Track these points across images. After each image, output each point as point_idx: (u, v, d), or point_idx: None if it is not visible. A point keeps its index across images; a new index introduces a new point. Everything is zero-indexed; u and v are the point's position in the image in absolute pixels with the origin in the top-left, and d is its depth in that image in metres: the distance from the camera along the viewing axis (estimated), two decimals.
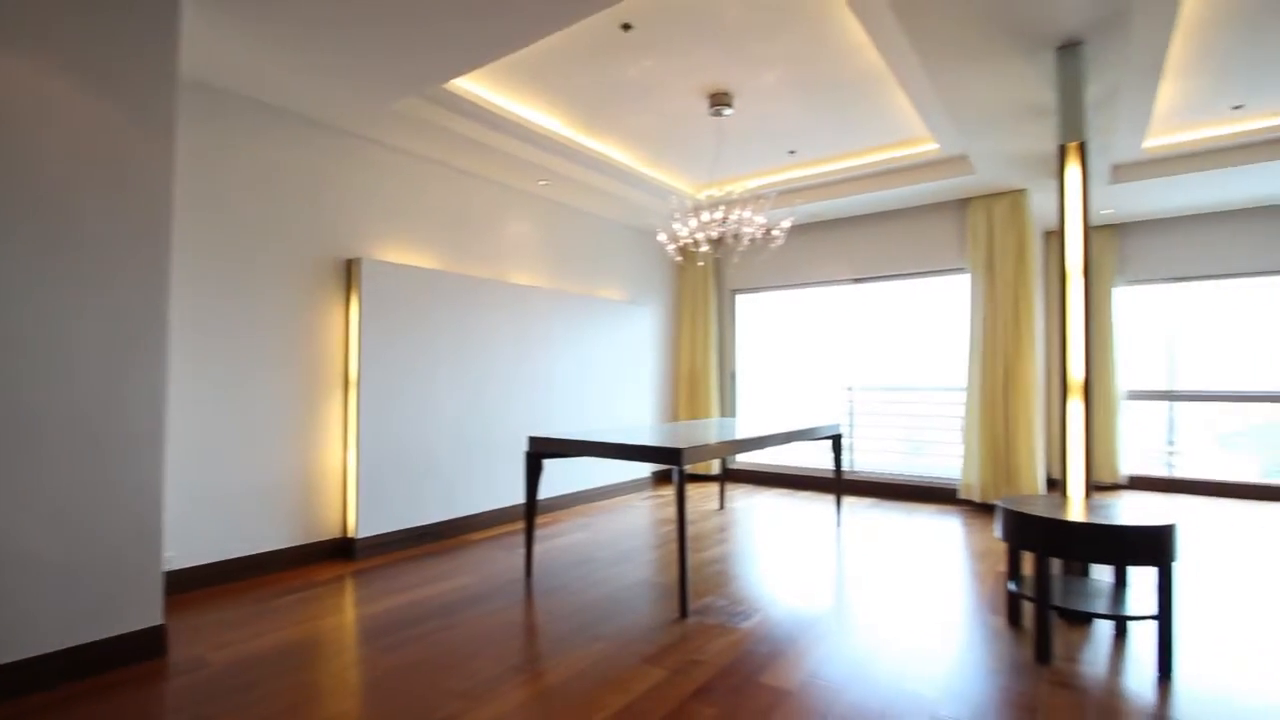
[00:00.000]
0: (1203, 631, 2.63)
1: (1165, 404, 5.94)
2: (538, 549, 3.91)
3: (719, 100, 3.72)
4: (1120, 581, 2.67)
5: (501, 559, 3.72)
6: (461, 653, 2.44)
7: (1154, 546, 2.22)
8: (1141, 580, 2.80)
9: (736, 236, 4.00)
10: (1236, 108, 3.89)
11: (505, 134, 3.99)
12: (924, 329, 5.78)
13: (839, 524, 4.59)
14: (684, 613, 2.80)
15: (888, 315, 5.96)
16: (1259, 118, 4.04)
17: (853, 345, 6.10)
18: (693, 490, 6.00)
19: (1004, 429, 4.97)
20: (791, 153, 4.70)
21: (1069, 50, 2.83)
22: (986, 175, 4.64)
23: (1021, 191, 4.96)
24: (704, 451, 2.97)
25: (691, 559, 3.70)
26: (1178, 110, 3.93)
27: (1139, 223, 5.91)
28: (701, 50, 3.27)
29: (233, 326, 3.33)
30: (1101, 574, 2.88)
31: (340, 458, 3.78)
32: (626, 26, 3.03)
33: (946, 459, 5.54)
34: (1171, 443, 5.95)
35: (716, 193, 4.54)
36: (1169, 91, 3.66)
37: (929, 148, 4.48)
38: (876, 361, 6.00)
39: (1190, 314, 5.86)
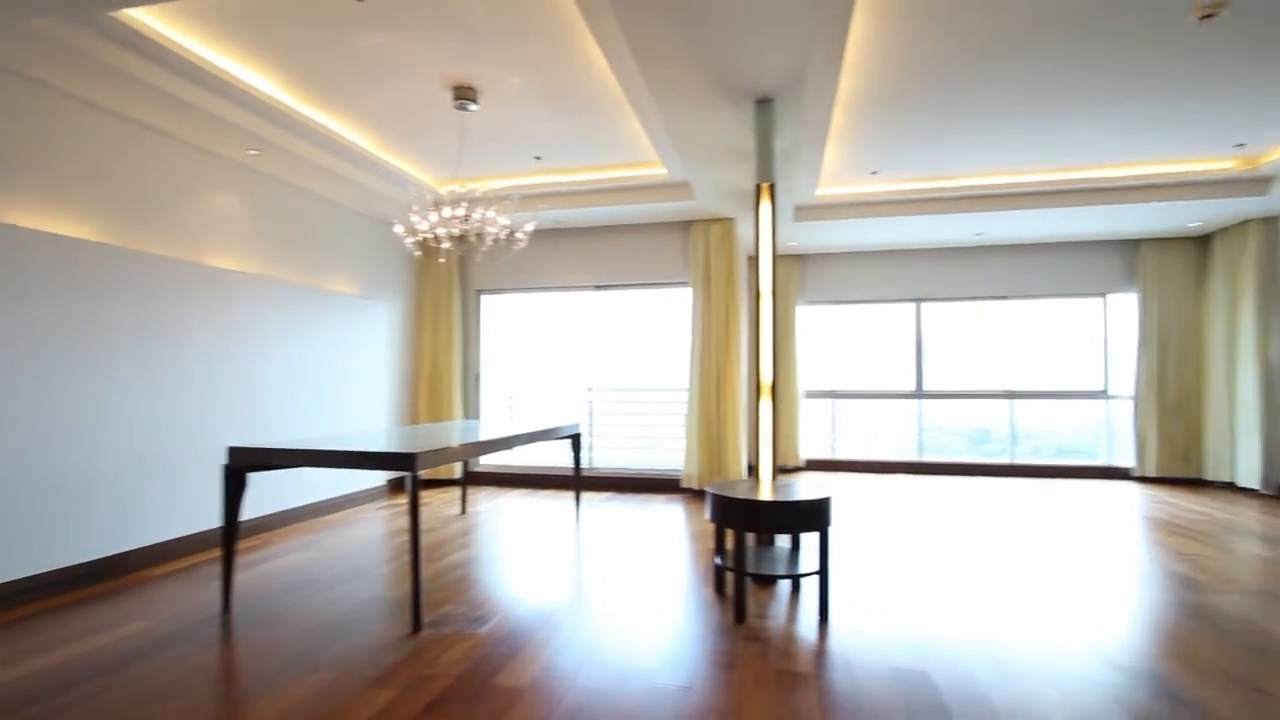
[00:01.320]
0: (851, 580, 3.35)
1: (831, 401, 7.44)
2: (246, 576, 3.38)
3: (463, 94, 3.63)
4: (795, 546, 3.27)
5: (192, 595, 3.12)
6: (129, 718, 1.99)
7: (815, 516, 2.77)
8: (811, 544, 3.46)
9: (480, 235, 3.95)
10: (874, 173, 5.05)
11: (206, 89, 3.37)
12: (655, 335, 6.37)
13: (578, 519, 4.80)
14: (418, 626, 2.67)
15: (624, 321, 6.43)
16: (888, 182, 5.30)
17: (593, 348, 6.45)
18: (434, 496, 5.75)
19: (716, 424, 5.72)
20: (537, 158, 4.80)
21: (764, 105, 3.40)
22: (704, 203, 5.30)
23: (731, 220, 5.77)
24: (441, 455, 2.87)
25: (430, 568, 3.54)
26: (839, 168, 4.96)
27: (816, 255, 7.30)
28: (444, 39, 3.16)
29: None
30: (784, 541, 3.48)
31: None
32: None
33: (674, 452, 6.17)
34: (835, 432, 7.47)
35: (459, 189, 4.43)
36: (832, 152, 4.59)
37: (659, 171, 4.96)
38: (614, 364, 6.43)
39: (850, 329, 7.44)
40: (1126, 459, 6.68)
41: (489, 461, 6.52)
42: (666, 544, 4.10)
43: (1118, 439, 6.81)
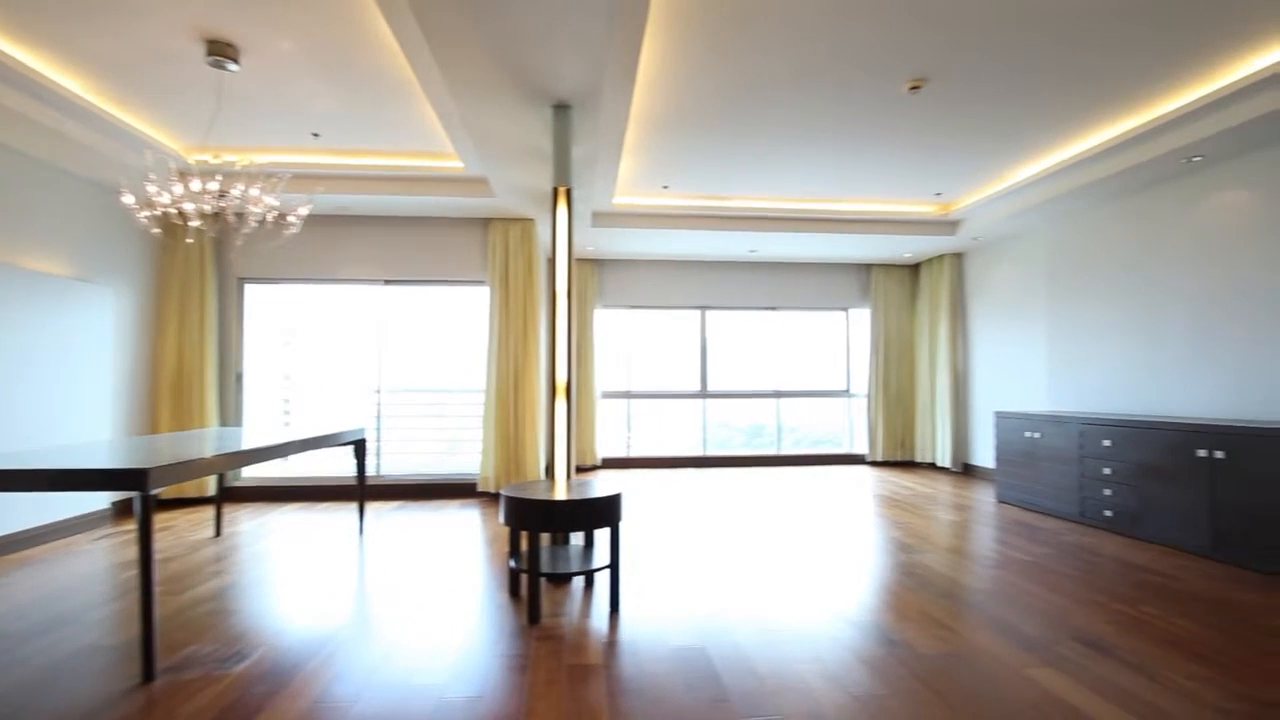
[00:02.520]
0: (641, 571, 3.53)
1: (626, 401, 7.78)
2: None
3: (220, 51, 3.14)
4: (589, 543, 3.37)
5: None
6: None
7: (606, 513, 2.88)
8: (605, 540, 3.58)
9: (241, 215, 3.45)
10: (665, 187, 5.41)
11: None
12: (451, 334, 6.12)
13: (362, 532, 4.43)
14: (150, 674, 2.25)
15: (418, 319, 6.08)
16: (677, 197, 5.71)
17: (383, 347, 5.99)
18: (178, 518, 4.88)
19: (514, 426, 5.67)
20: (316, 135, 4.34)
21: (562, 111, 3.45)
22: (504, 201, 5.23)
23: (531, 221, 5.76)
24: (184, 470, 2.45)
25: (169, 603, 3.00)
26: (634, 180, 5.22)
27: (613, 260, 7.59)
28: None
29: None
30: (579, 539, 3.57)
31: None
32: None
33: (470, 455, 5.97)
34: (630, 430, 7.83)
35: (213, 160, 3.80)
36: (628, 164, 4.82)
37: (455, 165, 4.77)
38: (406, 364, 6.04)
39: (644, 333, 7.85)
40: (862, 447, 7.97)
41: (255, 474, 5.72)
42: (460, 550, 3.96)
43: (856, 430, 8.10)
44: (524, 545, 3.29)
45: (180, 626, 2.74)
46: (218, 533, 4.39)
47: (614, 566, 2.94)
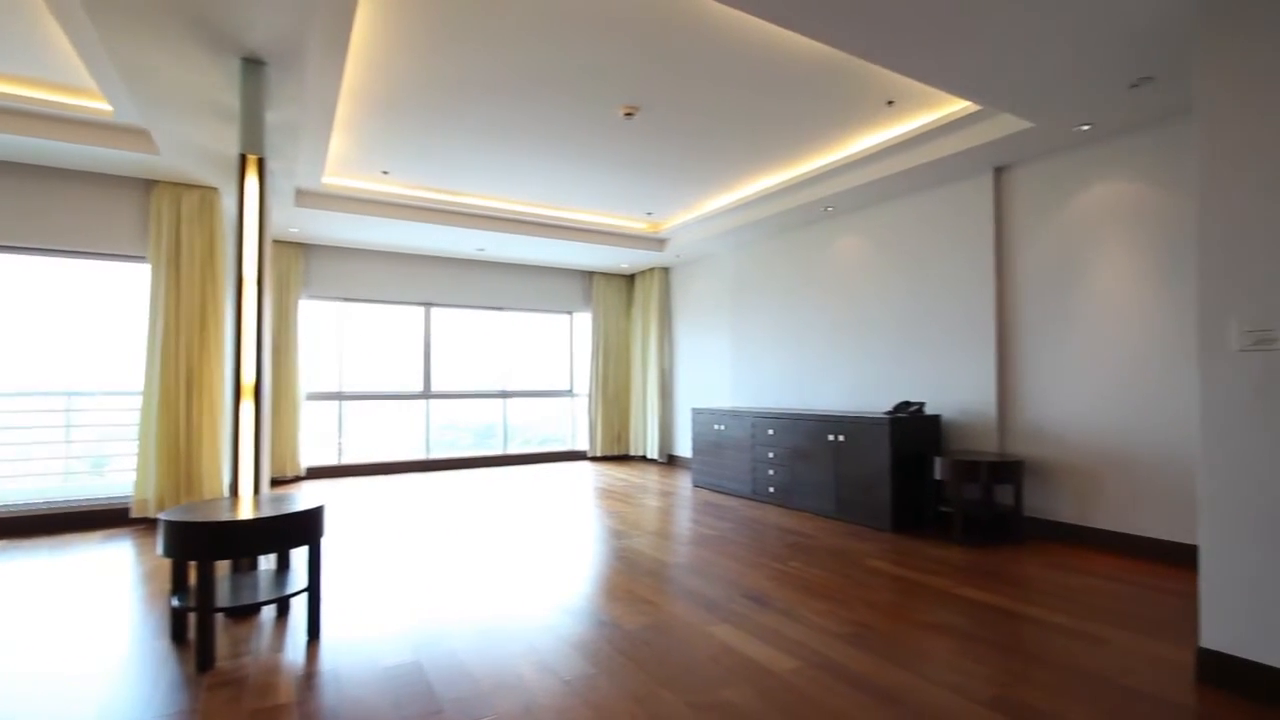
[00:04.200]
0: (348, 590, 3.22)
1: (336, 403, 7.02)
2: None
3: None
4: (283, 565, 2.95)
5: None
6: None
7: (303, 529, 2.56)
8: (303, 559, 3.18)
9: None
10: (385, 173, 5.03)
11: None
12: (93, 322, 4.81)
13: None
14: None
15: (39, 299, 4.65)
16: (399, 185, 5.35)
17: None
18: None
19: (185, 435, 4.69)
20: None
21: (253, 66, 2.96)
22: (174, 161, 4.28)
23: (214, 190, 4.84)
24: None
25: None
26: (349, 160, 4.74)
27: (323, 246, 6.79)
28: None
29: None
30: (272, 562, 3.10)
31: None
32: None
33: (124, 474, 4.76)
34: (341, 436, 7.08)
35: None
36: (343, 141, 4.36)
37: (101, 107, 3.78)
38: (17, 358, 4.57)
39: (360, 328, 7.17)
40: (584, 444, 8.44)
41: None
42: (101, 595, 3.13)
43: (579, 428, 8.55)
44: (194, 578, 2.75)
45: None
46: None
47: (313, 589, 2.62)
